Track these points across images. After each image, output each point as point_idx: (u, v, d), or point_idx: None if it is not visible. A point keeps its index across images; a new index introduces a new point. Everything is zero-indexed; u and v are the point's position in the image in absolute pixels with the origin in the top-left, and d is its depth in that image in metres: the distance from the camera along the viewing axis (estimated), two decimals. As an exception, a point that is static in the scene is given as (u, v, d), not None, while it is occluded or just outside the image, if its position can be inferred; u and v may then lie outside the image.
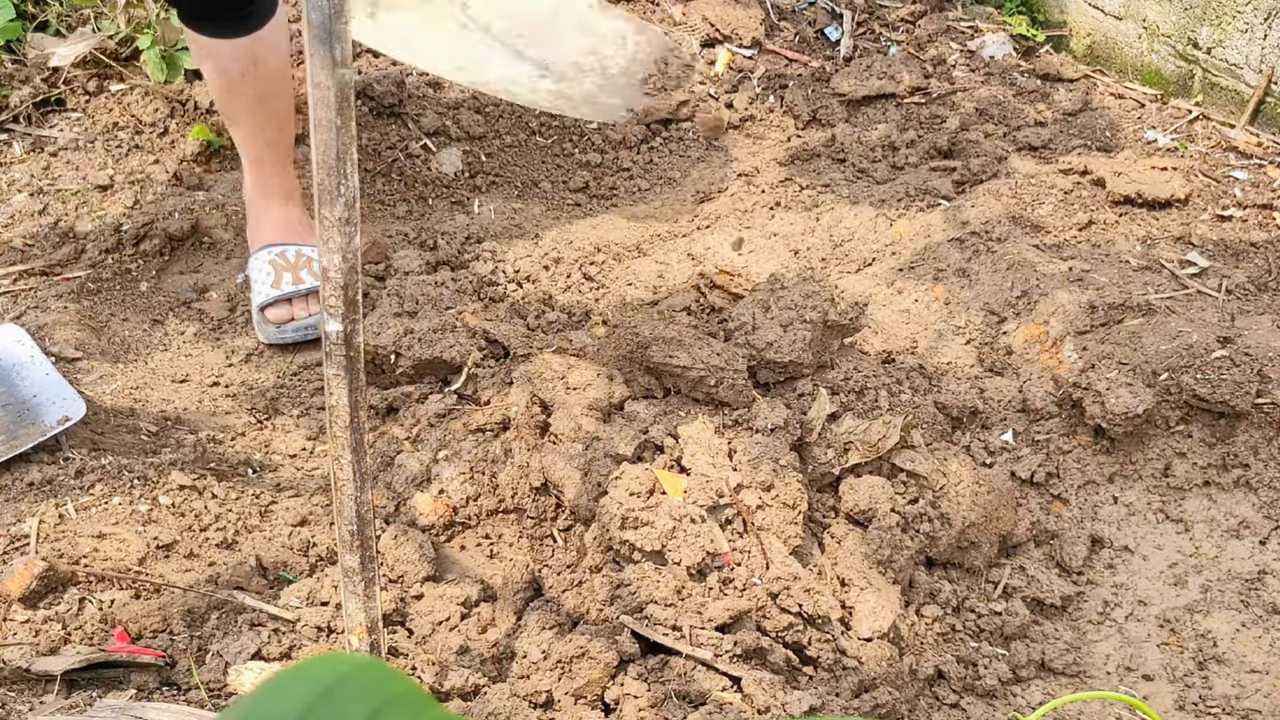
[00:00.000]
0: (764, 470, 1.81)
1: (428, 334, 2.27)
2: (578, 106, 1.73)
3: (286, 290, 2.40)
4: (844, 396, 2.00)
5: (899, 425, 1.91)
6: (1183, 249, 2.53)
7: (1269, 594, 1.98)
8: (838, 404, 1.97)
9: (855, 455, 1.90)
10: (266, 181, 2.47)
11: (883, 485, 1.87)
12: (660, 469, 1.79)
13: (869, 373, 2.04)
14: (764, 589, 1.69)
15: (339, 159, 1.15)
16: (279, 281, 2.41)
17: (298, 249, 2.46)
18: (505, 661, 1.66)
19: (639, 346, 1.95)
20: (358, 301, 1.23)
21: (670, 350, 1.92)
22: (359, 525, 1.37)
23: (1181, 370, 2.12)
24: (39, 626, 1.64)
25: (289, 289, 2.41)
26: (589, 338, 2.16)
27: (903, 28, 3.43)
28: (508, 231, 2.75)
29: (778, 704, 1.54)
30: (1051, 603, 1.95)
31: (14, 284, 2.44)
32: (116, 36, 2.93)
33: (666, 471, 1.78)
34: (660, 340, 1.94)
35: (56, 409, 2.04)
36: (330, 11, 1.07)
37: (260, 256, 2.45)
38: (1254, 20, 2.93)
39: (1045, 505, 2.08)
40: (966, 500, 1.92)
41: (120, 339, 2.40)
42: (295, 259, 2.45)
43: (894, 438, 1.90)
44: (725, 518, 1.75)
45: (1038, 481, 2.09)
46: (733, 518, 1.75)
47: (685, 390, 1.95)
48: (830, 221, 2.73)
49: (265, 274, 2.42)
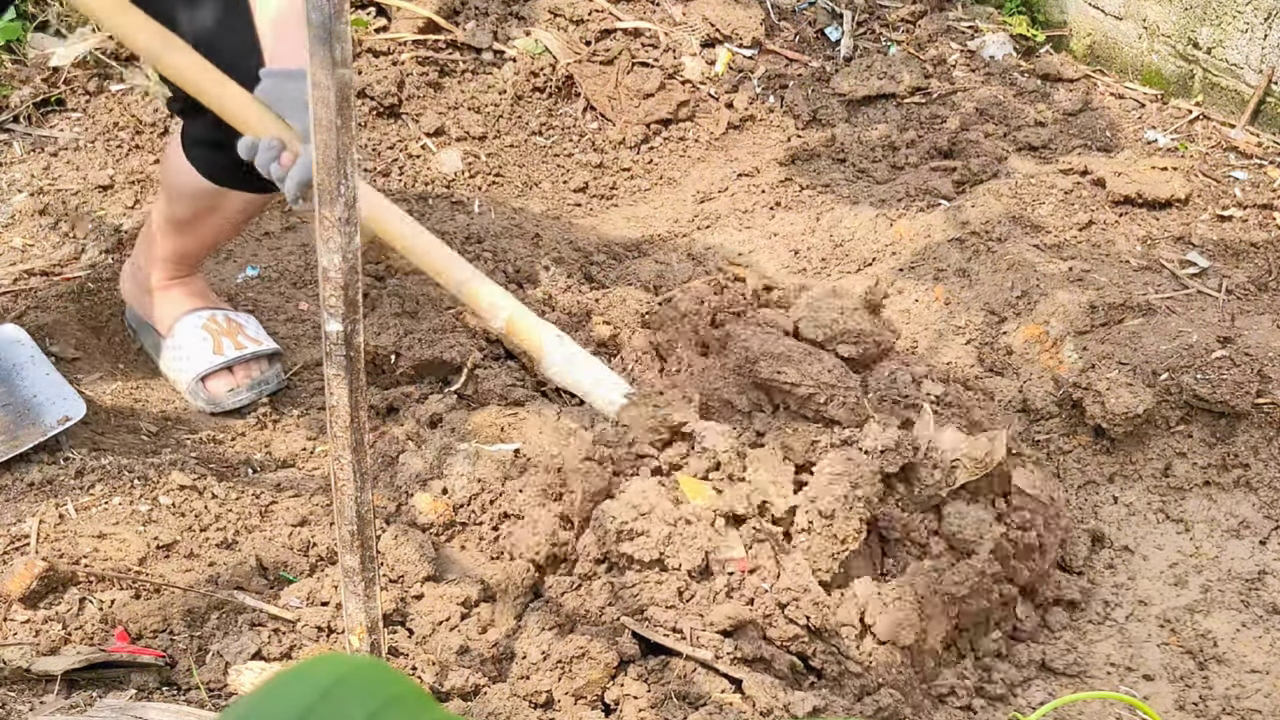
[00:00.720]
0: (833, 495, 1.73)
1: (428, 334, 2.27)
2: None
3: (228, 357, 2.23)
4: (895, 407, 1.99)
5: (1003, 440, 1.83)
6: (1183, 249, 2.53)
7: (1269, 594, 1.98)
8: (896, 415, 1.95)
9: (963, 474, 1.81)
10: (185, 251, 2.24)
11: (987, 518, 1.82)
12: (685, 476, 1.78)
13: (906, 381, 2.04)
14: (773, 598, 1.68)
15: (339, 159, 1.15)
16: (220, 348, 2.24)
17: (225, 314, 2.30)
18: (505, 661, 1.66)
19: (747, 361, 1.93)
20: (358, 301, 1.23)
21: (779, 366, 1.90)
22: (359, 525, 1.37)
23: (1181, 370, 2.12)
24: (39, 626, 1.64)
25: (231, 355, 2.23)
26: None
27: (903, 28, 3.43)
28: (508, 231, 2.75)
29: (779, 705, 1.54)
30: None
31: (14, 284, 2.44)
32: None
33: (691, 478, 1.78)
34: (769, 356, 1.92)
35: (57, 409, 2.04)
36: (330, 11, 1.07)
37: (190, 321, 2.26)
38: (1254, 20, 2.93)
39: (1045, 505, 2.08)
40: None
41: (120, 339, 2.40)
42: (227, 324, 2.28)
43: (1000, 453, 1.82)
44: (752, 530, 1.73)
45: (1038, 481, 2.09)
46: (760, 532, 1.73)
47: (795, 407, 1.92)
48: (830, 221, 2.73)
49: (200, 339, 2.24)
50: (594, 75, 3.15)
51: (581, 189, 2.99)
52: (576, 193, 2.98)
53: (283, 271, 2.58)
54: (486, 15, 3.24)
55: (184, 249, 2.21)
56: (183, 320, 2.26)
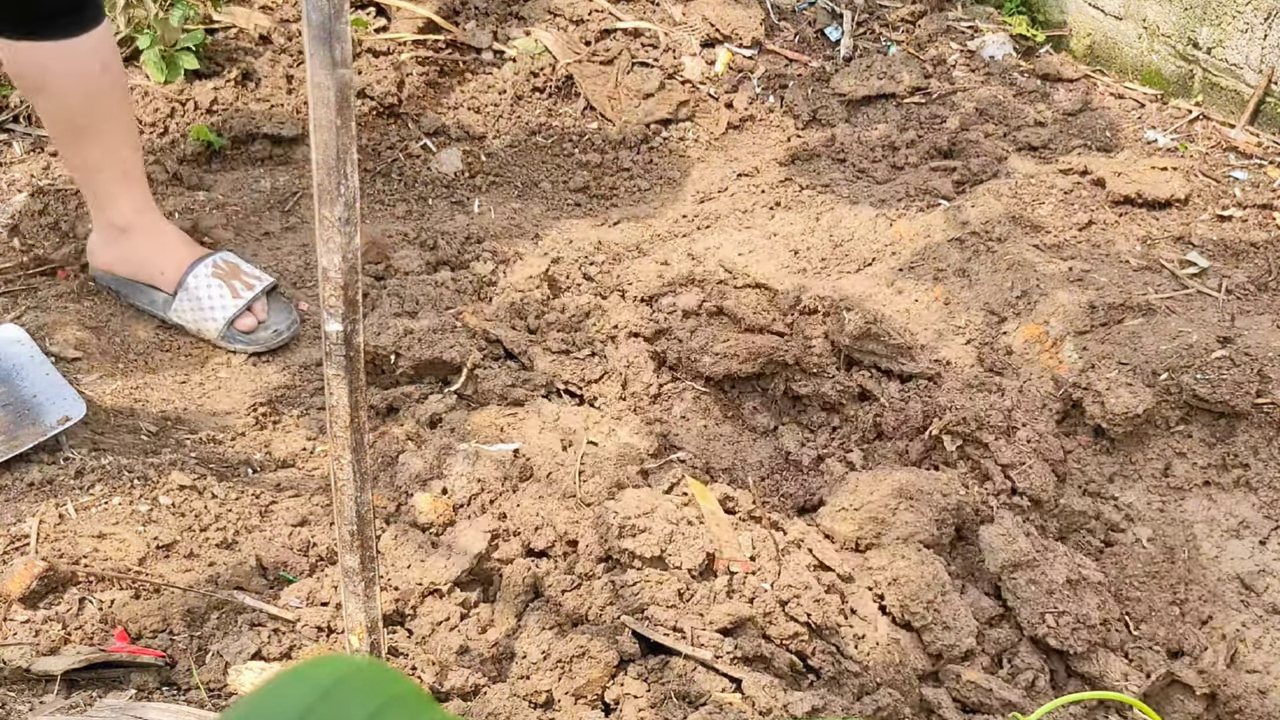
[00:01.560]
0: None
1: (428, 334, 2.27)
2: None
3: (246, 298, 2.35)
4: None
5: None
6: (1183, 249, 2.53)
7: (1269, 594, 1.98)
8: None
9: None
10: (147, 194, 2.33)
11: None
12: (694, 479, 1.78)
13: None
14: (774, 596, 1.68)
15: (339, 159, 1.14)
16: (236, 292, 2.35)
17: (222, 256, 2.40)
18: (505, 661, 1.66)
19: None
20: (358, 301, 1.23)
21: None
22: (359, 525, 1.37)
23: (1181, 370, 2.12)
24: (39, 626, 1.64)
25: (247, 296, 2.36)
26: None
27: (903, 28, 3.43)
28: (508, 231, 2.75)
29: (779, 705, 1.54)
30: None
31: (14, 284, 2.44)
32: (116, 37, 2.93)
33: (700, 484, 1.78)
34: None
35: (56, 409, 2.04)
36: (330, 11, 1.07)
37: (199, 272, 2.35)
38: (1254, 20, 2.93)
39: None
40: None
41: (120, 339, 2.40)
42: (227, 267, 2.38)
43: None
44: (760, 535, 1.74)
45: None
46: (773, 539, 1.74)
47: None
48: (830, 221, 2.73)
49: (217, 288, 2.35)
50: (594, 75, 3.15)
51: (581, 189, 2.99)
52: (576, 193, 2.98)
53: (283, 271, 2.58)
54: (486, 15, 3.24)
55: (105, 155, 2.21)
56: (193, 272, 2.34)
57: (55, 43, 2.06)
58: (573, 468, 1.90)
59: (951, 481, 1.94)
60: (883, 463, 2.07)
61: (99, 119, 2.18)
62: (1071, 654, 1.80)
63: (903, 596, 1.76)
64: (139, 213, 2.33)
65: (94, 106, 2.16)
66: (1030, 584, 1.82)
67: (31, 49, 2.07)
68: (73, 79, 2.12)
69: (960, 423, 2.04)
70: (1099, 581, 1.86)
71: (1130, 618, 1.92)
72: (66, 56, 2.08)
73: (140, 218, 2.33)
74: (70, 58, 2.08)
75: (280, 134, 2.84)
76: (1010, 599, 1.83)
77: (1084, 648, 1.78)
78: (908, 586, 1.77)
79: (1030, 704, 1.75)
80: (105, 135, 2.20)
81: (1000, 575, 1.85)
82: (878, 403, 2.10)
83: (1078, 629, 1.79)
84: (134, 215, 2.32)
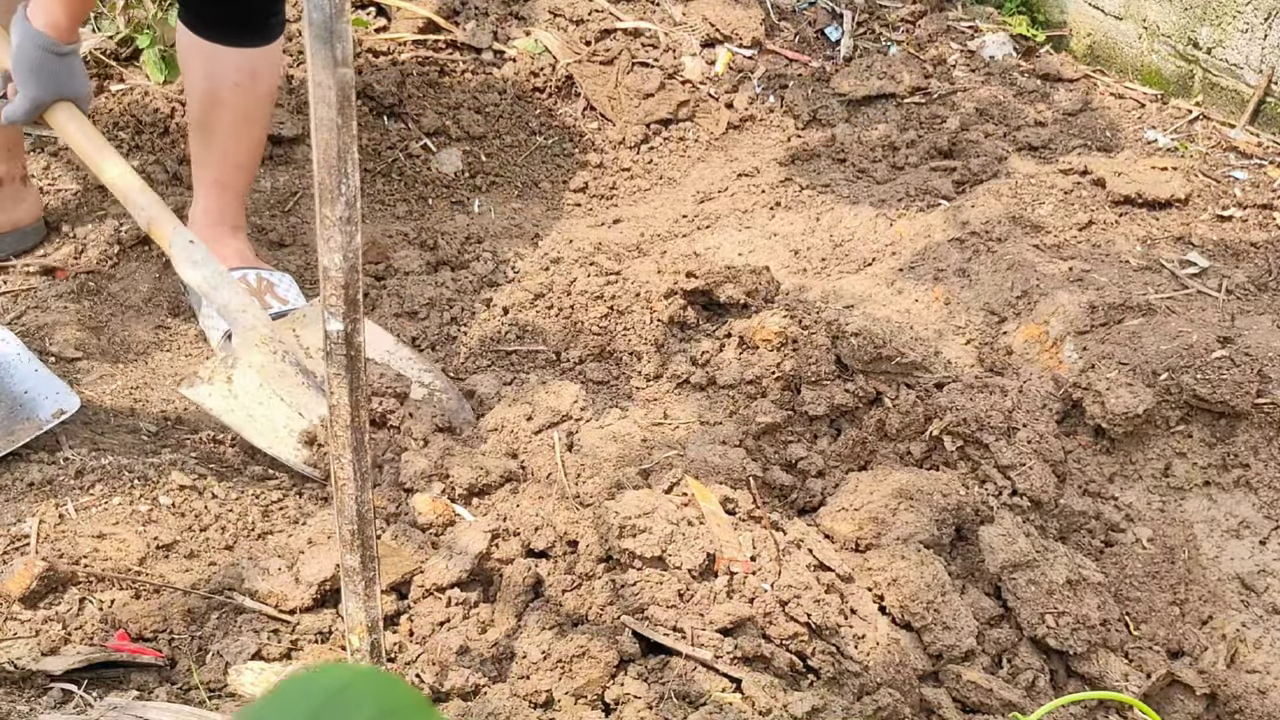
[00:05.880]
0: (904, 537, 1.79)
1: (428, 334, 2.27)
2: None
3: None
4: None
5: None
6: (1183, 249, 2.53)
7: (1269, 594, 1.98)
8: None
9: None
10: (224, 208, 2.37)
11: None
12: (696, 480, 1.78)
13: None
14: (774, 596, 1.68)
15: (340, 158, 1.14)
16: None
17: (258, 273, 2.39)
18: (505, 661, 1.66)
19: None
20: (358, 301, 1.23)
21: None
22: (359, 525, 1.37)
23: (1181, 370, 2.12)
24: (39, 626, 1.64)
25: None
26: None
27: (903, 28, 3.43)
28: (508, 231, 2.75)
29: (779, 705, 1.54)
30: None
31: (14, 284, 2.44)
32: (116, 37, 2.93)
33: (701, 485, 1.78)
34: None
35: (50, 403, 2.03)
36: (331, 11, 1.07)
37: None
38: (1254, 20, 2.93)
39: (1045, 505, 2.08)
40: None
41: (120, 339, 2.39)
42: (259, 284, 2.37)
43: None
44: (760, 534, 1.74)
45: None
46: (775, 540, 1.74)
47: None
48: (830, 221, 2.73)
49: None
50: (594, 75, 3.15)
51: (581, 189, 2.99)
52: (576, 193, 2.98)
53: (283, 271, 2.58)
54: (486, 15, 3.24)
55: (208, 158, 2.34)
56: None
57: (206, 42, 2.19)
58: (573, 468, 1.90)
59: (951, 482, 1.94)
60: (883, 463, 2.07)
61: (208, 127, 2.29)
62: (1071, 654, 1.80)
63: (903, 596, 1.76)
64: (211, 220, 2.38)
65: (207, 115, 2.27)
66: (1030, 584, 1.82)
67: (189, 39, 2.20)
68: (202, 81, 2.23)
69: (960, 423, 2.03)
70: (1099, 582, 1.86)
71: (1130, 618, 1.92)
72: (207, 60, 2.20)
73: (209, 225, 2.37)
74: (209, 62, 2.20)
75: (280, 134, 2.83)
76: (1010, 599, 1.83)
77: (1084, 648, 1.78)
78: (908, 587, 1.77)
79: (1030, 704, 1.75)
80: (213, 142, 2.31)
81: (1000, 575, 1.85)
82: (882, 406, 2.10)
83: (1078, 629, 1.79)
84: (204, 220, 2.38)
